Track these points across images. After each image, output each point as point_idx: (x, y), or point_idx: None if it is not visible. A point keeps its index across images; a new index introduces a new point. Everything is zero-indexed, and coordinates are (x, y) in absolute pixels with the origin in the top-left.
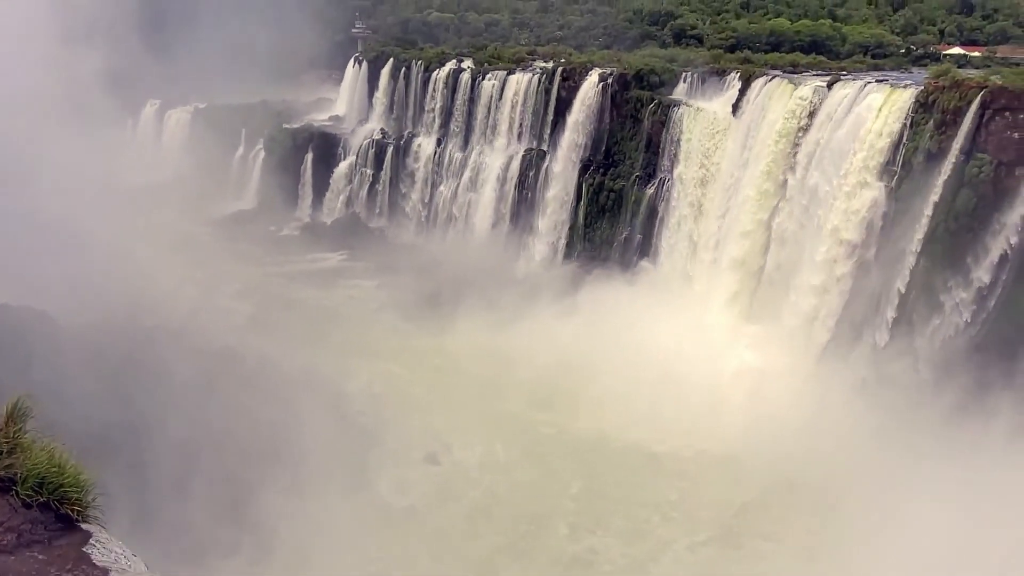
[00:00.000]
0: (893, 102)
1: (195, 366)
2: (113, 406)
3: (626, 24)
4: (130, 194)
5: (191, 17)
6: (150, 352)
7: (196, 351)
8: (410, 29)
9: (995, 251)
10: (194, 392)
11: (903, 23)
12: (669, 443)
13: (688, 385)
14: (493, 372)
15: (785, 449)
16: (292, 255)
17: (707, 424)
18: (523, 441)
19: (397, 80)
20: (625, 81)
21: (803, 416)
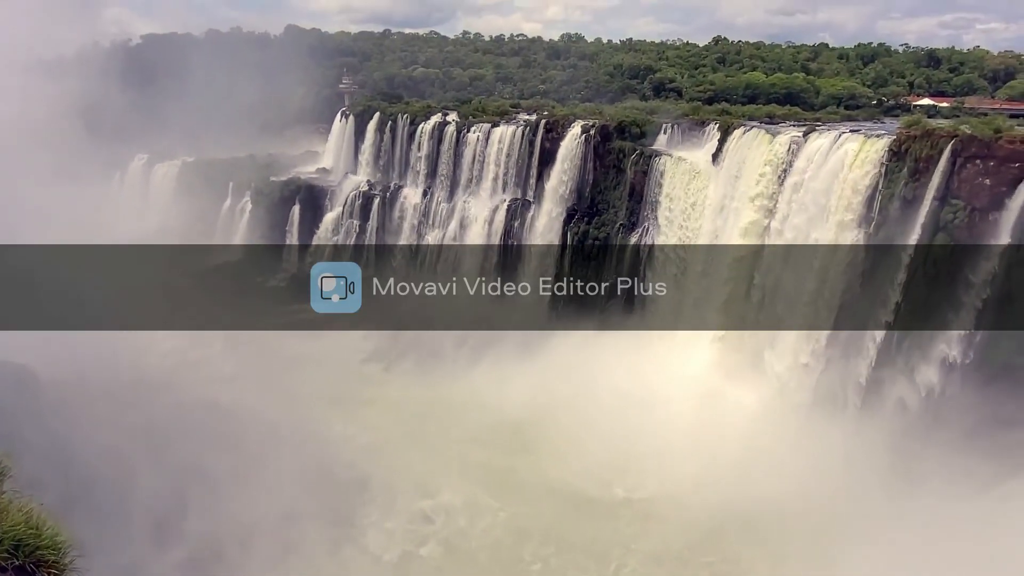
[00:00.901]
0: (868, 151)
1: (178, 420)
2: (94, 462)
3: (607, 78)
4: (117, 246)
5: (180, 72)
6: (132, 406)
7: (179, 405)
8: (396, 84)
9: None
10: (177, 447)
11: (874, 76)
12: (653, 489)
13: (672, 431)
14: (480, 420)
15: (772, 495)
16: (278, 306)
17: (695, 471)
18: (509, 488)
19: (383, 133)
20: (607, 132)
21: (791, 462)
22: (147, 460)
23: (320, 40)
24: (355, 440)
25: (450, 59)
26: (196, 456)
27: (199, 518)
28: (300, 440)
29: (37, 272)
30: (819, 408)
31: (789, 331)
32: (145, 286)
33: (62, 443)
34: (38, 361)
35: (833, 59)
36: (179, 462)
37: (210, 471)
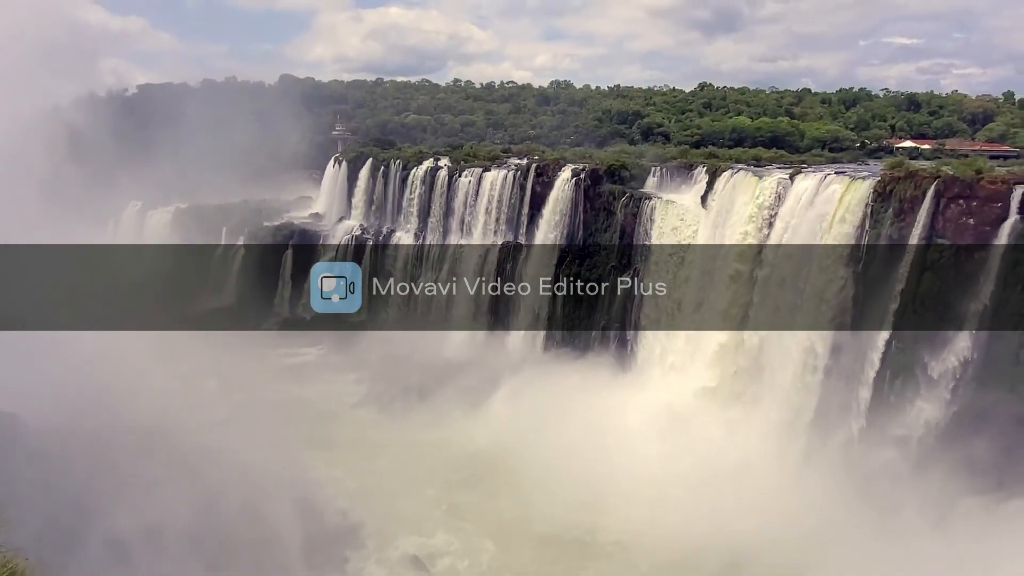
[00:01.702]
0: (853, 192)
1: (168, 468)
2: (83, 512)
3: (595, 123)
4: (108, 293)
5: (175, 121)
6: (122, 455)
7: (170, 451)
8: (388, 130)
9: (963, 332)
10: (166, 495)
11: (856, 119)
12: (643, 530)
13: (662, 473)
14: (472, 464)
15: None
16: (270, 350)
17: (684, 512)
18: (499, 531)
19: (376, 178)
20: (597, 176)
21: (783, 506)
22: (135, 510)
23: (314, 88)
24: (344, 484)
25: (442, 106)
26: (185, 504)
27: (188, 569)
28: (290, 485)
29: (24, 315)
30: (810, 452)
31: (782, 378)
32: (138, 331)
33: (51, 494)
34: (28, 410)
35: (816, 103)
36: (167, 511)
37: (200, 519)
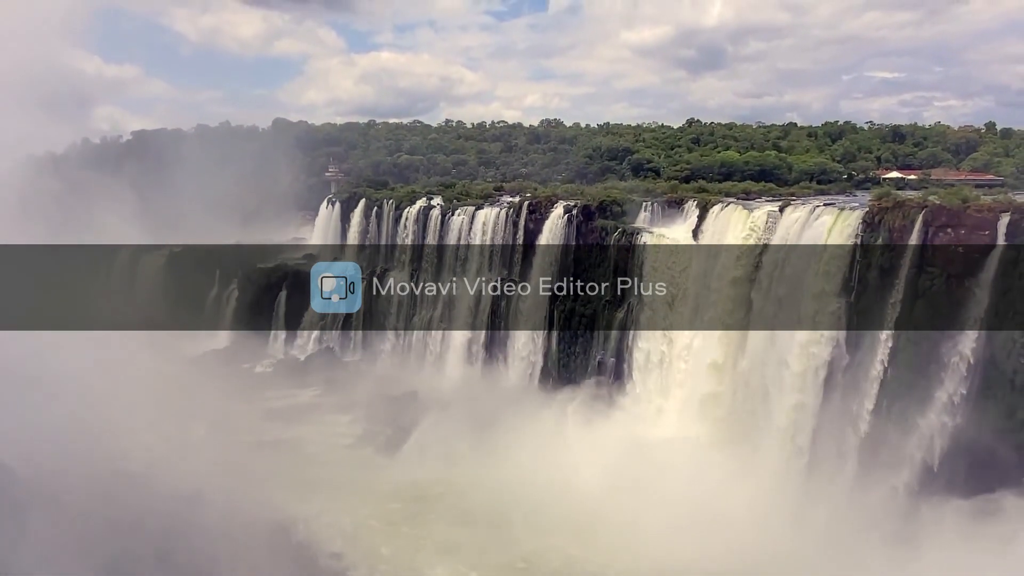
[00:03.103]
0: (843, 222)
1: (161, 514)
2: (70, 559)
3: (586, 160)
4: (102, 337)
5: (169, 166)
6: (113, 501)
7: (163, 497)
8: (381, 171)
9: (959, 360)
10: (157, 541)
11: (842, 152)
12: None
13: (663, 509)
14: (469, 504)
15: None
16: (265, 392)
17: (686, 550)
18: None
19: (369, 219)
20: (589, 212)
21: (778, 539)
22: (126, 555)
23: (307, 131)
24: (338, 526)
25: (434, 146)
26: (178, 551)
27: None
28: (283, 528)
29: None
30: (808, 490)
31: (779, 412)
32: (131, 375)
33: (38, 540)
34: (16, 456)
35: (802, 137)
36: (159, 556)
37: (190, 565)
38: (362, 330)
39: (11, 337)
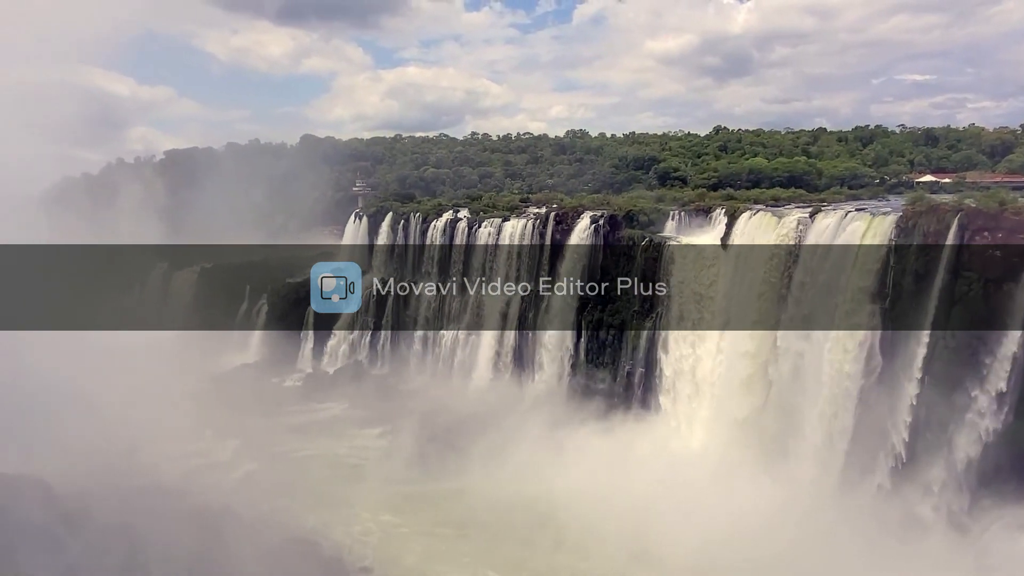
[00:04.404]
0: (875, 228)
1: (192, 528)
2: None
3: (612, 170)
4: (133, 353)
5: (200, 183)
6: (146, 516)
7: (194, 512)
8: (408, 184)
9: (998, 366)
10: (191, 558)
11: (874, 156)
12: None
13: (693, 523)
14: (500, 517)
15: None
16: (294, 406)
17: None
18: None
19: (396, 232)
20: (616, 222)
21: (816, 554)
22: (159, 570)
23: (334, 147)
24: (369, 539)
25: (460, 158)
26: (208, 565)
27: None
28: (314, 542)
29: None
30: (842, 502)
31: (812, 422)
32: (162, 390)
33: (73, 556)
34: (53, 473)
35: (832, 142)
36: (194, 569)
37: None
38: (390, 343)
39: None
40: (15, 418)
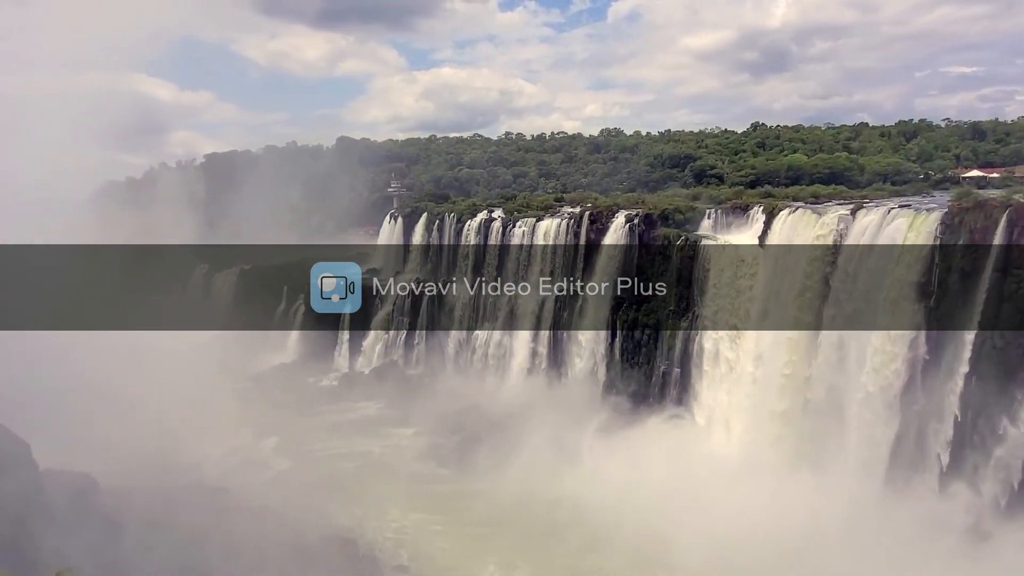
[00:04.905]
0: (920, 225)
1: (233, 526)
2: (150, 569)
3: (647, 168)
4: (175, 353)
5: (239, 186)
6: (188, 510)
7: (235, 509)
8: (442, 184)
9: None
10: (232, 554)
11: (918, 151)
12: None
13: (730, 525)
14: (534, 517)
15: None
16: (331, 406)
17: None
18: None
19: (431, 232)
20: (651, 220)
21: (859, 557)
22: (202, 566)
23: (369, 148)
24: (404, 538)
25: (494, 158)
26: (248, 562)
27: None
28: (350, 541)
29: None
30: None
31: (854, 425)
32: (202, 389)
33: (119, 551)
34: (99, 468)
35: (875, 137)
36: (235, 567)
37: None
38: (425, 343)
39: (91, 347)
40: (62, 416)
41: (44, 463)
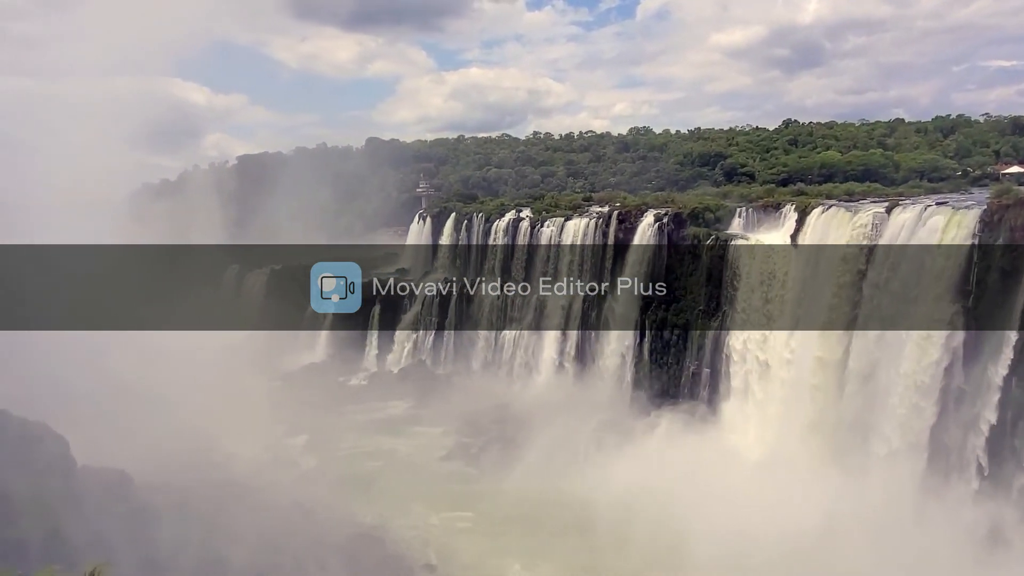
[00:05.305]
0: (957, 223)
1: (264, 522)
2: (185, 563)
3: (677, 167)
4: (208, 352)
5: (270, 187)
6: (221, 507)
7: (266, 506)
8: (471, 184)
9: None
10: (263, 548)
11: (956, 147)
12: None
13: (766, 527)
14: (561, 516)
15: None
16: (359, 405)
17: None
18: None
19: (459, 232)
20: (680, 220)
21: (895, 559)
22: (237, 563)
23: (398, 149)
24: (432, 537)
25: (522, 158)
26: (282, 558)
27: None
28: (379, 539)
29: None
30: (922, 508)
31: (889, 427)
32: (233, 388)
33: (154, 546)
34: (134, 464)
35: (911, 133)
36: (265, 562)
37: (295, 572)
38: (453, 343)
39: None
40: (98, 414)
41: (81, 459)
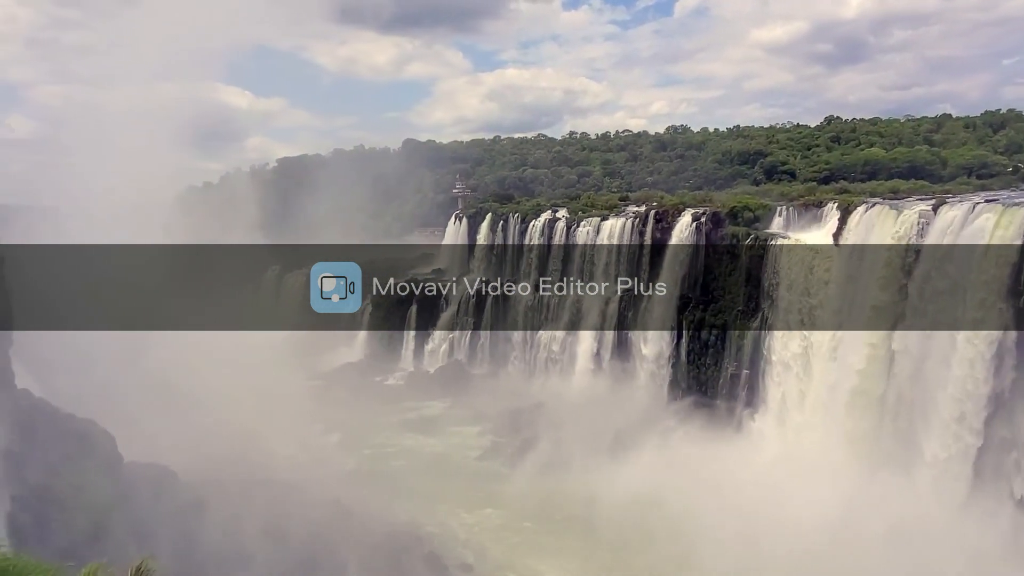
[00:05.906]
0: (1008, 221)
1: (308, 521)
2: (227, 561)
3: (715, 166)
4: (250, 352)
5: (309, 189)
6: (263, 505)
7: (308, 504)
8: (507, 185)
9: None
10: (304, 545)
11: (1006, 142)
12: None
13: (805, 537)
14: (598, 517)
15: None
16: (397, 404)
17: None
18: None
19: (496, 232)
20: (719, 219)
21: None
22: (281, 562)
23: (435, 150)
24: (469, 537)
25: (558, 158)
26: (322, 557)
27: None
28: (416, 538)
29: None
30: (970, 513)
31: (935, 433)
32: (272, 386)
33: (196, 541)
34: (178, 461)
35: (958, 129)
36: (305, 560)
37: (334, 569)
38: (489, 343)
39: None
40: (143, 412)
41: (128, 456)
